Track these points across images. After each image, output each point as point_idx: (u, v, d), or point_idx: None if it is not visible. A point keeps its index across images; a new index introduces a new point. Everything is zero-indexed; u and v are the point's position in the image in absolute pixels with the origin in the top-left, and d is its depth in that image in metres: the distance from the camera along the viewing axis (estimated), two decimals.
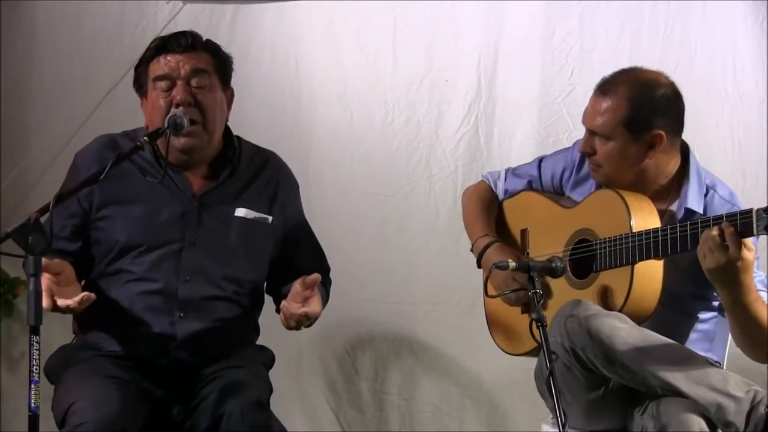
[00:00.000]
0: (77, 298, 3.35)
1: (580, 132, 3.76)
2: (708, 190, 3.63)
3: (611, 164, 3.62)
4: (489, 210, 3.98)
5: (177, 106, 3.59)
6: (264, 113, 4.90)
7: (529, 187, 3.93)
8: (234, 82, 3.80)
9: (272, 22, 4.92)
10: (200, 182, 3.72)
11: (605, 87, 3.64)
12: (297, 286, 3.57)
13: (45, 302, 3.28)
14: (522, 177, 3.95)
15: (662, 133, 3.56)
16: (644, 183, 3.62)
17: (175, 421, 3.58)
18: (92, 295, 3.39)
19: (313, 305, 3.56)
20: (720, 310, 3.55)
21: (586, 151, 3.67)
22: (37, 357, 3.04)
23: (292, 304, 3.55)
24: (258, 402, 3.48)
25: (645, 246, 3.44)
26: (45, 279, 3.34)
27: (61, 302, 3.33)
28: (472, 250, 3.92)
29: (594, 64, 4.71)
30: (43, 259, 3.21)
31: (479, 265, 3.88)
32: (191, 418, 3.55)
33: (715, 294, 3.46)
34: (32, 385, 3.03)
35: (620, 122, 3.58)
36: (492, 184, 4.01)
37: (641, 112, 3.56)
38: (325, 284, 3.86)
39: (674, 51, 4.72)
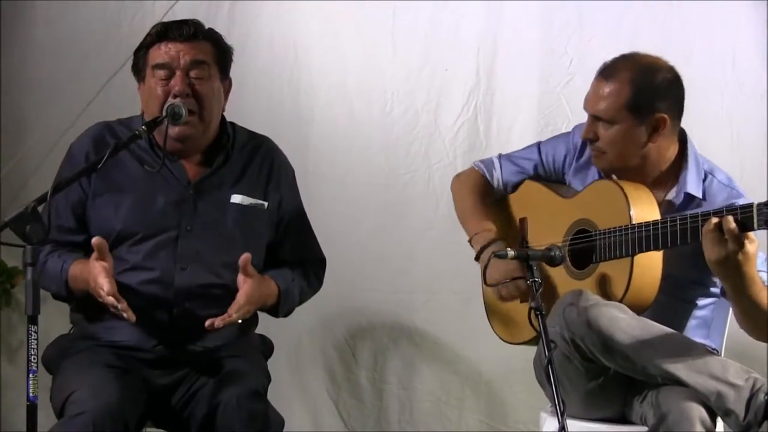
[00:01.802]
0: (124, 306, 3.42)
1: (579, 120, 3.77)
2: (706, 176, 3.63)
3: (615, 149, 3.61)
4: (483, 201, 3.96)
5: (174, 96, 3.58)
6: (263, 102, 4.90)
7: (534, 172, 3.91)
8: (233, 72, 3.79)
9: (271, 11, 4.91)
10: (195, 169, 3.71)
11: (607, 71, 3.63)
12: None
13: (108, 287, 3.38)
14: (518, 164, 3.93)
15: (665, 116, 3.56)
16: (646, 169, 3.61)
17: (173, 410, 3.58)
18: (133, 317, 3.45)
19: (240, 297, 3.55)
20: (721, 292, 3.55)
21: (589, 137, 3.65)
22: (35, 347, 3.04)
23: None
24: (255, 392, 3.48)
25: (645, 238, 3.43)
26: (99, 264, 3.42)
27: (120, 305, 3.42)
28: (470, 242, 3.91)
29: (593, 54, 4.67)
30: (97, 240, 3.40)
31: (477, 259, 3.87)
32: (189, 407, 3.55)
33: (715, 280, 3.46)
34: (30, 375, 3.03)
35: (624, 105, 3.57)
36: (486, 174, 3.99)
37: (644, 95, 3.56)
38: (308, 275, 3.86)
39: (673, 41, 4.71)
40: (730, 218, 3.21)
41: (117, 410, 3.33)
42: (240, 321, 3.56)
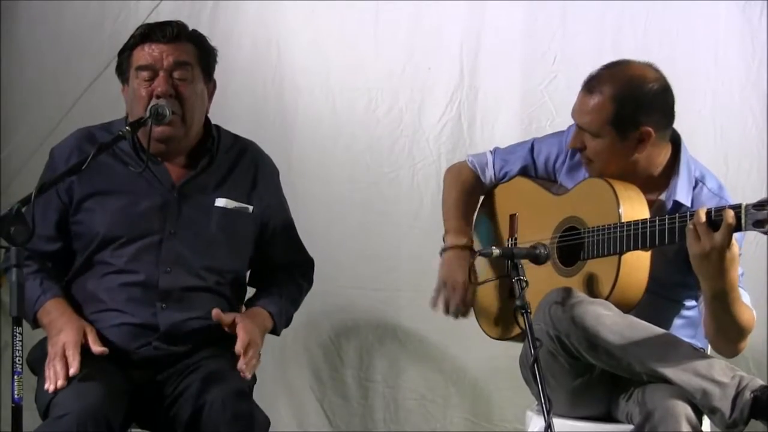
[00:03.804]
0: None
1: (563, 119, 3.76)
2: (697, 183, 3.61)
3: (601, 160, 3.60)
4: (467, 199, 3.96)
5: (158, 97, 3.58)
6: (246, 101, 4.89)
7: (523, 172, 3.91)
8: (216, 71, 3.79)
9: (254, 11, 4.90)
10: (179, 172, 3.71)
11: (591, 84, 3.59)
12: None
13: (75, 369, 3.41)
14: (511, 161, 3.93)
15: (650, 129, 3.53)
16: (635, 174, 3.59)
17: (158, 411, 3.58)
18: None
19: (242, 334, 3.57)
20: (696, 299, 3.57)
21: (577, 147, 3.64)
22: (20, 348, 3.04)
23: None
24: (240, 391, 3.48)
25: (633, 236, 3.42)
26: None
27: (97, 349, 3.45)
28: (443, 238, 3.92)
29: (576, 51, 4.71)
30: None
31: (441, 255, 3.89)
32: (174, 408, 3.54)
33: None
34: (15, 377, 3.03)
35: (607, 121, 3.54)
36: (478, 171, 3.99)
37: (628, 110, 3.52)
38: (295, 279, 3.90)
39: (656, 37, 4.71)
40: (731, 212, 3.18)
41: (100, 411, 3.32)
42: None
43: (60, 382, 3.39)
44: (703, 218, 3.21)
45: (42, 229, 3.59)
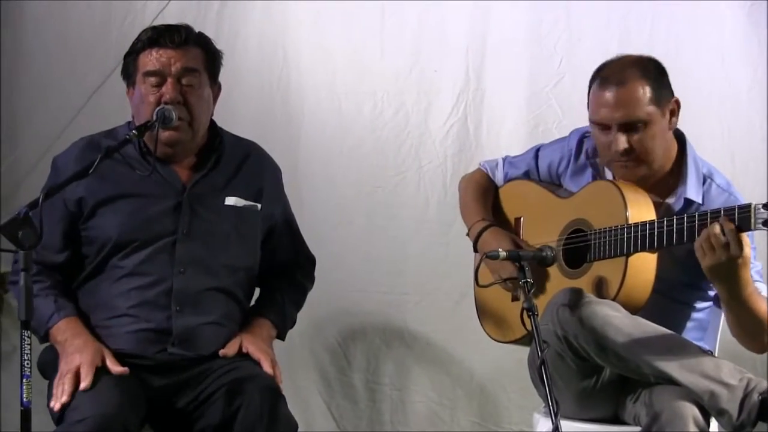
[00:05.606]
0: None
1: (569, 120, 3.77)
2: (705, 180, 3.61)
3: (653, 148, 3.55)
4: (485, 196, 3.96)
5: (166, 104, 3.58)
6: (252, 104, 4.90)
7: (526, 177, 3.92)
8: (222, 73, 3.79)
9: (260, 12, 4.91)
10: (188, 173, 3.72)
11: (615, 78, 3.54)
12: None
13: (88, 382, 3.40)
14: (518, 167, 3.93)
15: (677, 98, 3.57)
16: (654, 169, 3.59)
17: (180, 414, 3.58)
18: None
19: (260, 356, 3.65)
20: (714, 299, 3.56)
21: (626, 148, 3.54)
22: (29, 351, 3.04)
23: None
24: (275, 389, 3.52)
25: (640, 238, 3.42)
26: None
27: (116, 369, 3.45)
28: (468, 235, 3.91)
29: (582, 53, 4.70)
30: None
31: (475, 250, 3.86)
32: (200, 410, 3.54)
33: (709, 284, 3.46)
34: (24, 380, 3.03)
35: (651, 101, 3.51)
36: (489, 173, 4.00)
37: (659, 84, 3.55)
38: (297, 280, 3.94)
39: (662, 37, 4.70)
40: (729, 221, 3.19)
41: (118, 416, 3.32)
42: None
43: (64, 398, 3.39)
44: (718, 229, 3.22)
45: (49, 239, 3.57)
